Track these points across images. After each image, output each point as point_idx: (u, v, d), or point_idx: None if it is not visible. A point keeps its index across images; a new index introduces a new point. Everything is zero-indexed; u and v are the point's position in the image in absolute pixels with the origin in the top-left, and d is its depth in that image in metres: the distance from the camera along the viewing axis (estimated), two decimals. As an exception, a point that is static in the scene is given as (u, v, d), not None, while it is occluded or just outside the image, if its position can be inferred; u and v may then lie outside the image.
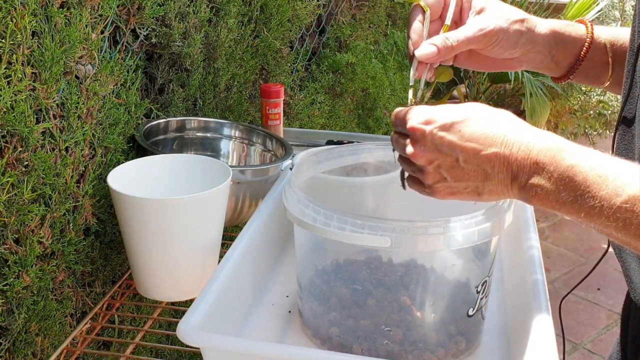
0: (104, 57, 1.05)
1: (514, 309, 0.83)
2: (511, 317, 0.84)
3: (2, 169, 0.85)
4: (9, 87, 0.84)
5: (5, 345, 0.93)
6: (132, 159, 1.05)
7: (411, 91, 0.73)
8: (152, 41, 1.21)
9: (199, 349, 0.71)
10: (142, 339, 1.06)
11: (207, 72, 1.38)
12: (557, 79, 0.82)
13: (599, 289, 2.55)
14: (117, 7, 1.07)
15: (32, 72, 0.89)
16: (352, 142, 1.25)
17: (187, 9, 1.25)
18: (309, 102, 1.93)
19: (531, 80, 2.82)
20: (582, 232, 2.83)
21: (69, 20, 0.94)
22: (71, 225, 1.00)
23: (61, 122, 0.96)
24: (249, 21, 1.52)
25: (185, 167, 1.06)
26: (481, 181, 0.60)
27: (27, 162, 0.90)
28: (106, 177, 0.97)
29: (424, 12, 0.73)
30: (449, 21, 0.74)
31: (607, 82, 0.80)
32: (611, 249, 0.76)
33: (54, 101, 0.93)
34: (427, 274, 0.79)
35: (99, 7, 1.00)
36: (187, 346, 0.72)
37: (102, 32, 1.03)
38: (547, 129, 3.58)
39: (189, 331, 0.70)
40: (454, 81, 3.01)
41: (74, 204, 1.00)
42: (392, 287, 0.79)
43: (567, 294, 0.88)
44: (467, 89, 3.28)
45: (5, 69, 0.83)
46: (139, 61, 1.18)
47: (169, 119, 1.25)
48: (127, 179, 0.99)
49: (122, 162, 1.05)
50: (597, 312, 2.46)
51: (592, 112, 3.23)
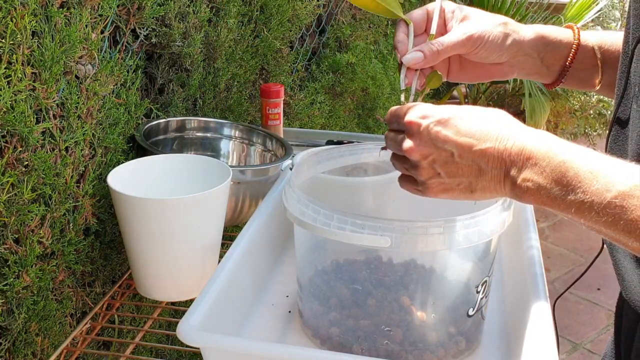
0: (104, 57, 1.05)
1: (514, 309, 0.83)
2: (511, 317, 0.84)
3: (2, 169, 0.85)
4: (9, 87, 0.84)
5: (5, 345, 0.93)
6: (132, 159, 1.05)
7: (403, 94, 0.75)
8: (152, 41, 1.21)
9: (199, 349, 0.71)
10: (142, 339, 1.06)
11: (207, 72, 1.38)
12: (548, 85, 0.83)
13: (599, 289, 2.55)
14: (117, 7, 1.07)
15: (32, 72, 0.89)
16: (352, 142, 1.25)
17: (187, 9, 1.25)
18: (309, 102, 1.93)
19: (531, 80, 2.82)
20: (582, 232, 2.83)
21: (69, 20, 0.94)
22: (71, 225, 1.00)
23: (61, 122, 0.96)
24: (249, 21, 1.52)
25: (185, 167, 1.06)
26: (475, 177, 0.61)
27: (27, 162, 0.90)
28: (106, 177, 0.97)
29: (407, 25, 0.76)
30: (433, 31, 0.76)
31: (598, 86, 0.81)
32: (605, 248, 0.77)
33: (54, 101, 0.93)
34: (427, 274, 0.79)
35: (99, 7, 1.00)
36: (187, 346, 0.72)
37: (102, 32, 1.03)
38: (547, 129, 3.58)
39: (189, 331, 0.70)
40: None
41: (74, 204, 1.00)
42: (392, 287, 0.79)
43: (562, 294, 0.88)
44: (467, 89, 3.28)
45: (5, 69, 0.83)
46: (139, 61, 1.18)
47: (169, 119, 1.25)
48: (127, 179, 0.99)
49: (122, 162, 1.05)
50: (597, 312, 2.46)
51: (592, 112, 3.23)
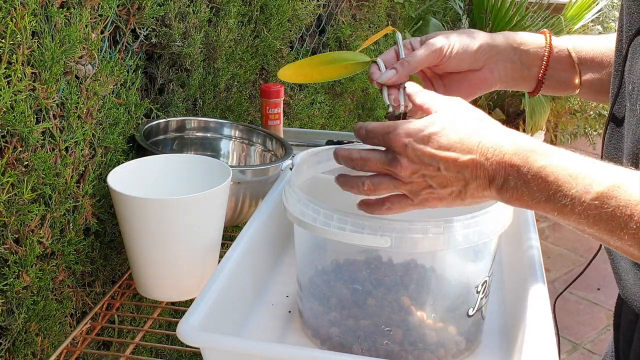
0: (104, 57, 1.05)
1: (514, 309, 0.83)
2: (511, 317, 0.84)
3: (2, 169, 0.85)
4: (9, 87, 0.84)
5: (5, 345, 0.93)
6: (132, 159, 1.05)
7: (391, 107, 0.77)
8: (152, 41, 1.21)
9: (199, 349, 0.71)
10: (142, 339, 1.06)
11: (207, 72, 1.38)
12: (532, 92, 0.84)
13: (599, 289, 2.55)
14: (117, 7, 1.07)
15: (32, 72, 0.89)
16: (352, 142, 1.25)
17: (187, 9, 1.25)
18: (309, 102, 1.93)
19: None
20: (582, 232, 2.83)
21: (69, 20, 0.94)
22: (71, 225, 1.00)
23: (61, 122, 0.96)
24: (249, 21, 1.52)
25: (185, 167, 1.06)
26: (462, 186, 0.64)
27: (27, 162, 0.90)
28: (106, 177, 0.97)
29: (378, 67, 0.80)
30: (402, 55, 0.80)
31: (579, 88, 0.82)
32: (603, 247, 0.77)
33: (54, 101, 0.93)
34: (427, 274, 0.79)
35: (99, 7, 1.00)
36: (187, 346, 0.72)
37: (102, 32, 1.03)
38: (547, 129, 3.56)
39: (189, 331, 0.70)
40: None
41: (74, 204, 1.00)
42: (392, 287, 0.79)
43: (561, 293, 0.88)
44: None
45: (5, 69, 0.83)
46: (139, 61, 1.18)
47: (169, 119, 1.25)
48: (127, 179, 0.99)
49: (122, 162, 1.05)
50: (597, 312, 2.46)
51: (592, 112, 3.23)
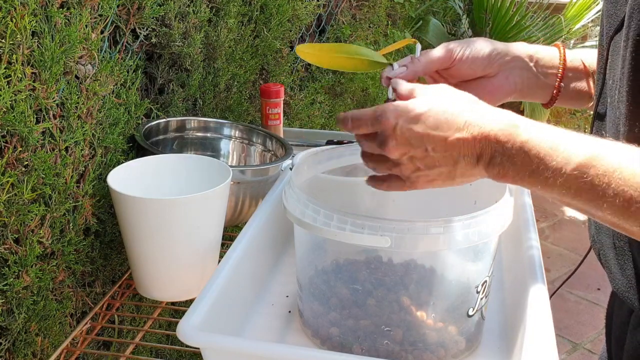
0: (104, 57, 1.05)
1: (514, 309, 0.83)
2: (511, 317, 0.84)
3: (2, 169, 0.85)
4: (9, 87, 0.84)
5: (5, 345, 0.93)
6: (132, 159, 1.05)
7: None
8: (152, 41, 1.21)
9: (199, 349, 0.71)
10: (142, 339, 1.06)
11: (207, 72, 1.38)
12: (546, 104, 0.84)
13: (599, 289, 2.55)
14: (117, 7, 1.07)
15: (32, 72, 0.89)
16: (352, 142, 1.24)
17: (187, 9, 1.25)
18: (309, 102, 1.93)
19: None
20: (582, 232, 2.83)
21: (68, 20, 0.94)
22: (71, 225, 1.00)
23: (61, 122, 0.96)
24: (249, 21, 1.52)
25: (185, 167, 1.06)
26: (452, 165, 0.64)
27: (27, 162, 0.90)
28: (106, 177, 0.97)
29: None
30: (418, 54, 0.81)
31: (591, 103, 0.82)
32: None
33: (54, 101, 0.93)
34: (427, 274, 0.79)
35: (98, 7, 1.00)
36: (187, 346, 0.72)
37: (102, 32, 1.03)
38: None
39: (189, 331, 0.70)
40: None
41: (74, 204, 1.00)
42: (392, 287, 0.79)
43: (556, 290, 0.89)
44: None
45: (5, 69, 0.83)
46: (139, 61, 1.18)
47: (169, 119, 1.25)
48: (127, 179, 0.99)
49: (122, 162, 1.05)
50: (597, 312, 2.45)
51: (592, 112, 3.23)
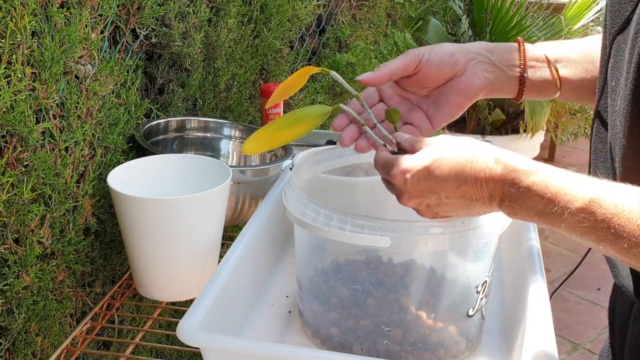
0: (103, 57, 1.05)
1: (514, 309, 0.83)
2: (511, 317, 0.84)
3: (2, 169, 0.85)
4: (9, 87, 0.84)
5: (5, 345, 0.93)
6: (132, 159, 1.05)
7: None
8: (152, 41, 1.21)
9: (199, 349, 0.71)
10: (142, 339, 1.06)
11: (207, 72, 1.38)
12: (515, 98, 0.85)
13: (599, 289, 2.55)
14: (117, 7, 1.07)
15: (32, 72, 0.89)
16: (352, 142, 1.24)
17: (187, 9, 1.25)
18: (309, 102, 1.93)
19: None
20: (582, 232, 2.82)
21: (68, 20, 0.94)
22: (71, 225, 1.00)
23: (61, 122, 0.96)
24: (249, 21, 1.52)
25: (185, 167, 1.06)
26: (467, 208, 0.67)
27: (27, 162, 0.90)
28: (106, 177, 0.97)
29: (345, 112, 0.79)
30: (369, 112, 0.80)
31: (559, 92, 0.83)
32: None
33: (54, 101, 0.93)
34: (427, 274, 0.79)
35: (98, 7, 1.00)
36: (187, 346, 0.72)
37: (102, 32, 1.03)
38: (547, 129, 3.54)
39: (189, 331, 0.70)
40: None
41: (74, 204, 1.00)
42: (392, 287, 0.79)
43: (555, 290, 0.89)
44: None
45: (5, 69, 0.83)
46: (139, 61, 1.18)
47: (169, 119, 1.25)
48: (127, 179, 0.99)
49: (122, 162, 1.05)
50: (597, 312, 2.45)
51: (592, 112, 3.23)
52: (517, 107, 3.13)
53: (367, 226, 0.71)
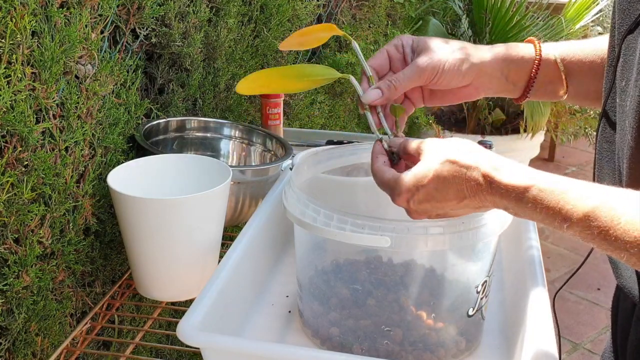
0: (103, 57, 1.05)
1: (514, 309, 0.83)
2: (511, 317, 0.84)
3: (2, 169, 0.85)
4: (9, 87, 0.84)
5: (5, 345, 0.93)
6: (132, 159, 1.05)
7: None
8: (152, 41, 1.21)
9: (199, 349, 0.71)
10: (142, 339, 1.06)
11: (207, 72, 1.38)
12: (516, 99, 0.85)
13: (599, 289, 2.55)
14: (117, 7, 1.07)
15: (32, 72, 0.89)
16: (352, 142, 1.24)
17: (187, 9, 1.25)
18: (309, 102, 1.93)
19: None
20: (582, 232, 2.82)
21: (68, 20, 0.94)
22: (71, 225, 1.00)
23: (61, 122, 0.96)
24: (249, 21, 1.52)
25: (185, 167, 1.06)
26: (474, 210, 0.68)
27: (27, 162, 0.90)
28: (106, 177, 0.97)
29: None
30: (370, 73, 0.81)
31: (565, 97, 0.84)
32: None
33: (54, 101, 0.93)
34: (427, 274, 0.79)
35: (98, 7, 1.00)
36: (187, 346, 0.72)
37: (101, 32, 1.03)
38: (547, 129, 3.53)
39: (189, 331, 0.70)
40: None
41: (74, 204, 1.00)
42: (392, 287, 0.79)
43: (558, 290, 0.88)
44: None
45: (5, 69, 0.83)
46: (139, 61, 1.18)
47: (169, 119, 1.25)
48: (127, 179, 0.99)
49: (122, 162, 1.05)
50: (597, 312, 2.45)
51: (592, 112, 3.23)
52: (517, 107, 3.13)
53: (367, 226, 0.71)
